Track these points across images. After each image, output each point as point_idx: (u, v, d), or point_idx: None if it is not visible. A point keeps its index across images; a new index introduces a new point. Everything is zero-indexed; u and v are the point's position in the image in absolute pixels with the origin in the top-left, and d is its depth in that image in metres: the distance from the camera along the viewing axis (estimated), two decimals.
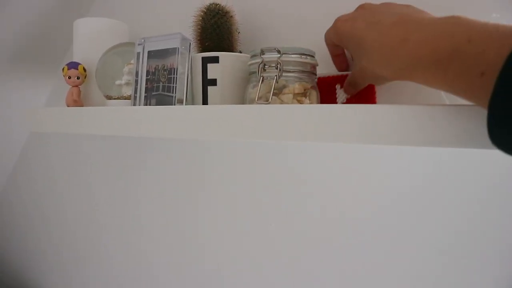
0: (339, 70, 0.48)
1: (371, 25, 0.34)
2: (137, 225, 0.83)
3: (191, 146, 0.73)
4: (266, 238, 0.66)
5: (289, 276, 0.64)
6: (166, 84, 0.49)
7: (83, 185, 0.93)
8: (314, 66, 0.45)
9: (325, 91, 0.47)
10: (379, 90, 0.48)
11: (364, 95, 0.45)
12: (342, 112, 0.32)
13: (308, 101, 0.43)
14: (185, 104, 0.49)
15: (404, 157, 0.53)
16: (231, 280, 0.71)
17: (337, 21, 0.40)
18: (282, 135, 0.35)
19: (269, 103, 0.40)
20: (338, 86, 0.46)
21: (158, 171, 0.78)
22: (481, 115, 0.27)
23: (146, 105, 0.50)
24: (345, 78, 0.46)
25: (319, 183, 0.60)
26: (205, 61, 0.50)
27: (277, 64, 0.41)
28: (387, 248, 0.55)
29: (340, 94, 0.45)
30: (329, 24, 0.42)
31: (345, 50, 0.47)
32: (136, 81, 0.52)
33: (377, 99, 0.48)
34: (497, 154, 0.24)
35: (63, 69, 0.60)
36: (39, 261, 1.07)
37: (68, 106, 0.61)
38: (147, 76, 0.51)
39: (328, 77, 0.47)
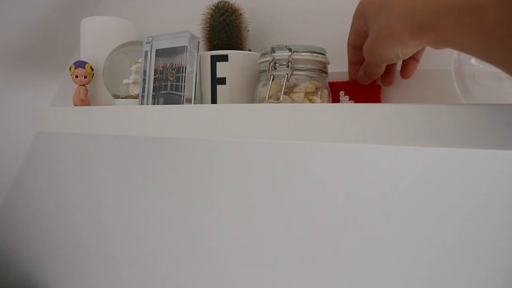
0: (351, 79, 0.47)
1: None
2: (144, 225, 0.83)
3: (200, 145, 0.72)
4: (276, 238, 0.65)
5: (299, 275, 0.63)
6: (175, 83, 0.48)
7: (89, 185, 0.92)
8: (325, 65, 0.44)
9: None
10: (386, 92, 0.47)
11: (369, 97, 0.45)
12: (355, 112, 0.31)
13: (319, 100, 0.42)
14: (194, 103, 0.48)
15: (407, 157, 0.52)
16: (240, 280, 0.70)
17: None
18: (293, 135, 0.35)
19: (280, 102, 0.39)
20: (342, 93, 0.46)
21: (165, 171, 0.78)
22: (481, 114, 0.26)
23: (154, 104, 0.50)
24: (351, 85, 0.46)
25: (332, 183, 0.59)
26: (214, 59, 0.49)
27: (288, 62, 0.40)
28: (391, 248, 0.54)
29: (344, 101, 0.47)
30: (341, 20, 0.41)
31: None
32: (144, 80, 0.51)
33: (385, 100, 0.48)
34: (497, 154, 0.23)
35: (70, 68, 0.59)
36: (45, 261, 1.07)
37: (75, 105, 0.60)
38: (155, 75, 0.50)
39: (333, 82, 0.47)
